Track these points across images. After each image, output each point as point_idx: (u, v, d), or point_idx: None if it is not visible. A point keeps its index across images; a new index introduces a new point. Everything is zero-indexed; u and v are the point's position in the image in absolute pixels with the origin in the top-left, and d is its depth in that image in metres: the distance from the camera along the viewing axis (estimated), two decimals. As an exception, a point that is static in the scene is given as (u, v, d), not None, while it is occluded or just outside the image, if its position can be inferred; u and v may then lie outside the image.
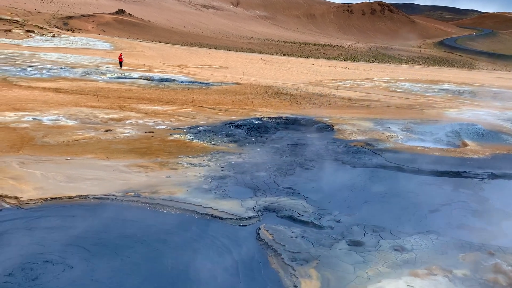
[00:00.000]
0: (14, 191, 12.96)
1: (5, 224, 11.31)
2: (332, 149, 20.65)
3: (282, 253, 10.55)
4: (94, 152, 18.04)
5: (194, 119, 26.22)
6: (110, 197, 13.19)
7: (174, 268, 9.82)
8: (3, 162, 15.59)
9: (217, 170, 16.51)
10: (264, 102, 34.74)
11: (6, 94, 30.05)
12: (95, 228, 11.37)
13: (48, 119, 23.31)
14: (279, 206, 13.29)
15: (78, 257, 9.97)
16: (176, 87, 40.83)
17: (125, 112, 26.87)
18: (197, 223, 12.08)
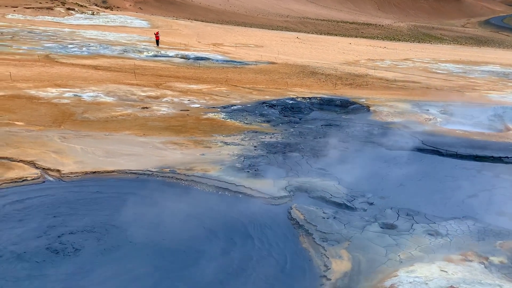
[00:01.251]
0: (56, 164, 13.53)
1: (48, 195, 11.86)
2: (368, 130, 20.29)
3: (313, 233, 10.59)
4: (132, 129, 18.51)
5: (228, 98, 26.32)
6: (147, 173, 13.55)
7: (203, 242, 10.04)
8: (45, 136, 16.26)
9: (250, 149, 16.60)
10: (298, 82, 34.38)
11: (49, 70, 31.09)
12: (133, 202, 11.74)
13: (87, 95, 24.02)
14: (311, 187, 13.27)
15: (117, 228, 10.35)
16: (211, 66, 40.99)
17: (161, 90, 27.30)
18: (229, 201, 12.26)
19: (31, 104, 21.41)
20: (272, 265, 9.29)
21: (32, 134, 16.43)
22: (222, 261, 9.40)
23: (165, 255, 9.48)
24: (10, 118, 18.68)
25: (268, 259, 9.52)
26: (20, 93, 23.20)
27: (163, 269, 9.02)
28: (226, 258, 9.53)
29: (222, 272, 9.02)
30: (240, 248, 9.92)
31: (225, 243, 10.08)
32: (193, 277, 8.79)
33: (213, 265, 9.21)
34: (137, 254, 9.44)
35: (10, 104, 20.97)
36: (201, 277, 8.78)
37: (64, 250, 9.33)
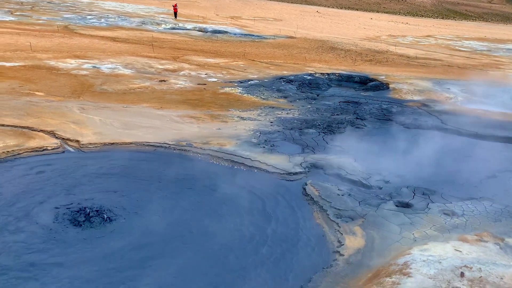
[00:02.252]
0: (75, 135, 13.75)
1: (67, 165, 12.10)
2: (386, 108, 20.01)
3: (328, 209, 10.63)
4: (149, 101, 18.62)
5: (246, 72, 26.15)
6: (164, 145, 13.69)
7: (218, 214, 10.18)
8: (65, 107, 16.48)
9: (266, 124, 16.57)
10: (317, 57, 33.88)
11: (68, 41, 31.25)
12: (150, 172, 11.92)
13: (106, 67, 24.14)
14: (327, 164, 13.24)
15: (135, 199, 10.56)
16: (228, 40, 40.60)
17: (178, 63, 27.25)
18: (244, 175, 12.34)
19: (51, 74, 21.64)
20: (285, 240, 9.39)
21: (52, 105, 16.67)
22: (235, 235, 9.52)
23: (178, 228, 9.65)
24: (31, 88, 18.95)
25: (282, 234, 9.61)
26: (40, 64, 23.45)
27: (176, 240, 9.20)
28: (238, 232, 9.65)
29: (235, 246, 9.16)
30: (253, 223, 10.03)
31: (238, 218, 10.19)
32: (205, 246, 8.96)
33: (225, 239, 9.35)
34: (151, 224, 9.63)
35: (30, 74, 21.24)
36: (212, 247, 8.94)
37: (83, 219, 9.56)
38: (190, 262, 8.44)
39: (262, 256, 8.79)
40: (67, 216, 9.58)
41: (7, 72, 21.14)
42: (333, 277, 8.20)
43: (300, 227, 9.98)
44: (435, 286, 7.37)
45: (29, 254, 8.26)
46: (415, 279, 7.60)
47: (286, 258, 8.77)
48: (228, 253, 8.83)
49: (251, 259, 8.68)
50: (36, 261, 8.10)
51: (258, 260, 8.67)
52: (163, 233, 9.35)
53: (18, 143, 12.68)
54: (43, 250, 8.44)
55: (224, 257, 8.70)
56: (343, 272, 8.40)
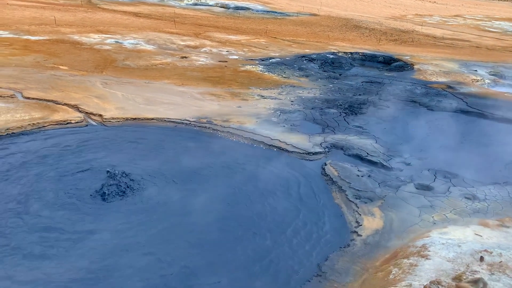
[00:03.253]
0: (98, 109, 13.95)
1: (90, 138, 12.31)
2: (410, 89, 19.62)
3: (347, 189, 10.60)
4: (171, 78, 18.68)
5: (267, 50, 25.90)
6: (185, 122, 13.78)
7: (238, 190, 10.26)
8: (88, 81, 16.69)
9: (286, 103, 16.47)
10: (341, 35, 33.24)
11: (91, 16, 31.41)
12: (171, 148, 12.04)
13: (128, 42, 24.24)
14: (347, 144, 13.14)
15: (157, 174, 10.71)
16: (250, 16, 40.13)
17: (200, 39, 27.14)
18: (263, 153, 12.36)
19: (75, 49, 21.87)
20: (303, 219, 9.43)
21: (75, 79, 16.89)
22: (253, 212, 9.61)
23: (197, 201, 9.77)
24: (55, 62, 19.21)
25: (299, 213, 9.65)
26: (64, 38, 23.69)
27: (198, 213, 9.34)
28: (256, 210, 9.72)
29: (253, 223, 9.25)
30: (271, 201, 10.08)
31: (256, 196, 10.26)
32: (223, 225, 9.08)
33: (242, 215, 9.45)
34: (171, 195, 9.78)
35: (55, 48, 21.50)
36: (229, 225, 9.06)
37: (109, 189, 9.77)
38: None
39: (278, 234, 8.86)
40: (86, 187, 9.81)
41: (32, 46, 21.45)
42: (350, 257, 8.24)
43: (318, 207, 9.99)
44: (454, 269, 7.33)
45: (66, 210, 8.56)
46: (433, 262, 7.57)
47: (302, 237, 8.83)
48: (242, 228, 8.93)
49: (268, 236, 8.77)
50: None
51: (275, 237, 8.75)
52: (181, 202, 9.49)
53: (43, 116, 12.94)
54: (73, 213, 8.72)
55: (236, 230, 8.81)
56: (360, 252, 8.43)
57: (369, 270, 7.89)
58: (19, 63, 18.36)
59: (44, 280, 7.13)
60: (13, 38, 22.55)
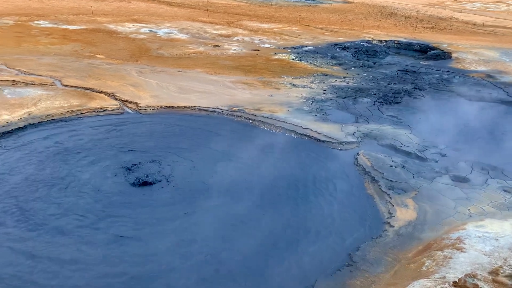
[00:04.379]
0: (133, 97, 14.26)
1: (126, 125, 12.62)
2: (447, 79, 19.02)
3: (380, 180, 10.46)
4: (203, 67, 18.84)
5: (299, 38, 25.66)
6: (217, 110, 13.90)
7: (271, 179, 10.30)
8: (124, 70, 17.06)
9: (319, 92, 16.32)
10: (375, 23, 32.49)
11: (126, 5, 31.96)
12: (203, 137, 12.19)
13: (162, 31, 24.56)
14: (381, 134, 12.92)
15: (191, 161, 10.90)
16: (283, 4, 39.78)
17: (232, 28, 27.17)
18: (295, 142, 12.33)
19: (111, 38, 22.35)
20: (334, 209, 9.39)
21: (111, 67, 17.30)
22: (286, 201, 9.64)
23: (229, 192, 9.88)
24: (92, 51, 19.72)
25: (331, 203, 9.61)
26: (100, 27, 24.25)
27: (231, 203, 9.45)
28: (288, 199, 9.75)
29: (285, 210, 9.29)
30: (303, 190, 10.08)
31: (288, 185, 10.27)
32: (255, 216, 9.16)
33: (276, 203, 9.49)
34: (204, 180, 9.93)
35: (92, 37, 22.06)
36: (262, 216, 9.13)
37: (143, 174, 10.03)
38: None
39: (310, 223, 8.87)
40: (122, 173, 10.09)
41: (71, 35, 22.08)
42: (382, 247, 8.17)
43: (350, 197, 9.92)
44: (490, 263, 7.14)
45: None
46: (469, 255, 7.40)
47: (334, 226, 8.80)
48: (276, 217, 8.98)
49: (299, 225, 8.79)
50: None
51: (306, 226, 8.76)
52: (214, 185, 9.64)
53: (81, 103, 13.35)
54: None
55: (267, 218, 8.87)
56: (392, 243, 8.33)
57: (401, 261, 7.80)
58: (58, 52, 18.96)
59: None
60: (52, 27, 23.27)
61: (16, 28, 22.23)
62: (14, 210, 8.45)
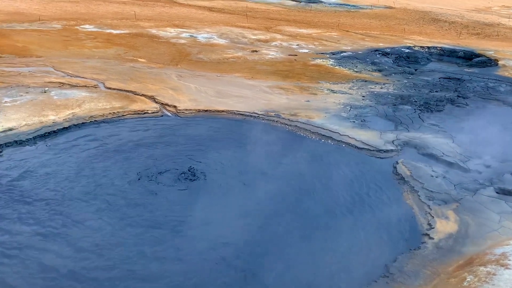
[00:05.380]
0: (173, 100, 14.53)
1: (166, 128, 12.88)
2: (493, 87, 18.27)
3: (419, 190, 10.15)
4: (241, 71, 18.98)
5: (339, 44, 25.41)
6: (253, 115, 13.94)
7: (305, 185, 10.20)
8: (164, 74, 17.44)
9: (357, 99, 16.06)
10: (417, 29, 31.71)
11: (168, 11, 32.73)
12: (240, 141, 12.26)
13: (202, 36, 24.97)
14: (421, 143, 12.55)
15: (228, 161, 10.99)
16: (323, 9, 39.54)
17: (271, 33, 27.25)
18: (332, 149, 12.18)
19: (152, 42, 22.94)
20: (371, 218, 9.18)
21: (152, 71, 17.73)
22: (323, 210, 9.52)
23: (267, 197, 9.86)
24: (134, 55, 20.30)
25: (368, 212, 9.41)
26: (143, 32, 24.94)
27: (266, 207, 9.43)
28: (324, 206, 9.62)
29: (322, 219, 9.17)
30: (340, 198, 9.92)
31: (325, 192, 10.14)
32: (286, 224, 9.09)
33: (312, 212, 9.39)
34: (240, 184, 9.97)
35: (134, 41, 22.71)
36: (295, 223, 9.05)
37: (185, 174, 10.20)
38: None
39: (346, 232, 8.71)
40: (166, 172, 10.29)
41: (114, 39, 22.82)
42: (420, 260, 7.90)
43: (388, 206, 9.67)
44: (537, 283, 6.76)
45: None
46: (514, 272, 7.04)
47: (370, 236, 8.60)
48: (314, 225, 8.88)
49: (337, 233, 8.66)
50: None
51: (343, 234, 8.61)
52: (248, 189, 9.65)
53: (122, 106, 13.74)
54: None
55: (303, 227, 8.78)
56: (431, 255, 8.05)
57: (441, 275, 7.52)
58: (102, 55, 19.63)
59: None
60: (97, 32, 24.13)
61: (63, 32, 23.21)
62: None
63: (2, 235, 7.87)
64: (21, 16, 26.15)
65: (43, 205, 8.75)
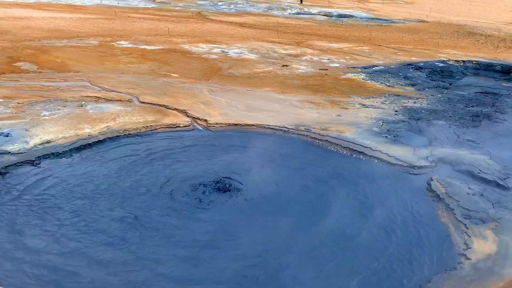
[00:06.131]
0: (204, 114, 14.72)
1: (197, 141, 13.03)
2: (533, 102, 17.61)
3: (455, 208, 9.80)
4: (271, 86, 19.05)
5: (370, 58, 25.17)
6: (283, 129, 13.92)
7: (335, 205, 10.04)
8: (196, 88, 17.72)
9: (390, 113, 15.79)
10: (452, 43, 31.06)
11: (200, 27, 33.40)
12: (268, 155, 12.24)
13: (233, 52, 25.29)
14: (457, 159, 12.16)
15: (255, 175, 10.98)
16: (354, 24, 39.38)
17: (301, 48, 27.32)
18: (364, 164, 11.97)
19: (185, 58, 23.41)
20: (404, 236, 8.92)
21: (185, 86, 18.05)
22: (355, 226, 9.33)
23: (292, 213, 9.77)
24: (168, 70, 20.76)
25: (402, 229, 9.15)
26: (176, 47, 25.51)
27: (293, 224, 9.33)
28: (358, 223, 9.43)
29: (358, 238, 8.99)
30: (372, 215, 9.70)
31: (358, 208, 9.95)
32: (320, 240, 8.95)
33: (345, 229, 9.22)
34: (266, 196, 9.92)
35: (168, 57, 23.24)
36: (329, 237, 8.90)
37: (221, 186, 10.27)
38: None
39: (379, 250, 8.49)
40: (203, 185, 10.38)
41: (148, 55, 23.43)
42: (456, 281, 7.59)
43: (422, 225, 9.37)
44: None
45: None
46: (559, 298, 6.64)
47: (403, 255, 8.34)
48: (348, 241, 8.72)
49: (371, 251, 8.46)
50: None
51: (379, 252, 8.40)
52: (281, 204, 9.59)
53: (155, 119, 14.02)
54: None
55: (338, 243, 8.62)
56: (468, 277, 7.71)
57: (479, 298, 7.19)
58: (136, 71, 20.17)
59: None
60: (132, 47, 24.86)
61: (100, 48, 24.03)
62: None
63: (36, 244, 8.09)
64: (61, 33, 27.30)
65: (76, 216, 8.97)
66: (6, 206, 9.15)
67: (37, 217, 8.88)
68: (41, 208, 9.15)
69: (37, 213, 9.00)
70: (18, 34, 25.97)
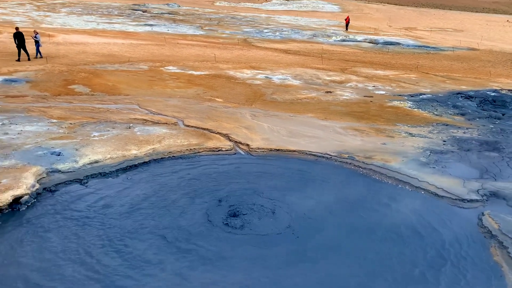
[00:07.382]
0: (246, 139, 14.81)
1: (237, 165, 13.07)
2: None
3: (509, 246, 9.17)
4: (314, 112, 18.96)
5: (417, 86, 24.60)
6: (326, 156, 13.72)
7: (375, 239, 9.67)
8: (239, 113, 17.93)
9: (438, 143, 15.23)
10: (505, 71, 29.86)
11: (245, 53, 34.08)
12: (309, 183, 12.07)
13: (277, 78, 25.52)
14: (511, 194, 11.46)
15: (296, 203, 10.82)
16: (400, 51, 38.84)
17: (346, 75, 27.16)
18: (410, 196, 11.52)
19: (229, 83, 23.85)
20: (453, 274, 8.40)
21: (228, 110, 18.32)
22: (398, 264, 8.92)
23: (331, 244, 9.49)
24: (212, 95, 21.20)
25: (452, 267, 8.63)
26: (221, 73, 26.09)
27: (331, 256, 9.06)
28: (401, 261, 9.01)
29: (400, 270, 8.59)
30: (420, 251, 9.24)
31: (401, 243, 9.53)
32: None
33: (390, 263, 8.84)
34: (305, 232, 9.70)
35: (213, 82, 23.79)
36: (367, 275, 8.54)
37: (261, 210, 10.21)
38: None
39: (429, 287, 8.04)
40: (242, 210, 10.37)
41: (195, 80, 24.08)
42: (511, 327, 7.01)
43: (473, 263, 8.81)
44: None
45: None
46: None
47: (453, 294, 7.84)
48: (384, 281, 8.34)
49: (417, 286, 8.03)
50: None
51: (420, 290, 7.96)
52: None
53: (199, 143, 14.25)
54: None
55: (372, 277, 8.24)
56: (525, 323, 7.12)
57: None
58: (182, 95, 20.74)
59: None
60: (179, 73, 25.67)
61: (149, 73, 24.98)
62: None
63: (81, 260, 8.28)
64: (113, 57, 28.68)
65: (121, 234, 9.14)
66: (54, 222, 9.48)
67: (87, 232, 9.13)
68: (87, 224, 9.41)
69: (92, 226, 9.26)
70: (74, 58, 27.54)
